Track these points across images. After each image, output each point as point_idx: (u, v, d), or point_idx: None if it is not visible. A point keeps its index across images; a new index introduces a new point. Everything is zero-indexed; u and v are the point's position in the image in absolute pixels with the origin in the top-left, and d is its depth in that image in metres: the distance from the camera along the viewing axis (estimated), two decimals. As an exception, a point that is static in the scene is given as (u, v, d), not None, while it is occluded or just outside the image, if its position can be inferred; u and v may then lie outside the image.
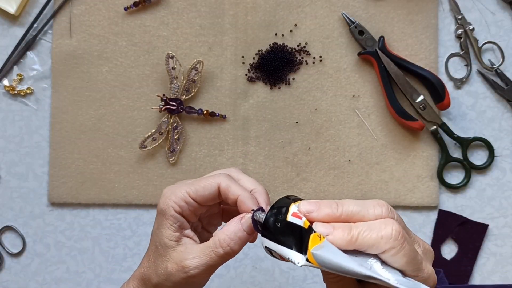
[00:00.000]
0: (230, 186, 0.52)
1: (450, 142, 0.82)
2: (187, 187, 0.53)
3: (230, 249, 0.51)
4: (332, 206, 0.46)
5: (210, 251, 0.52)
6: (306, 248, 0.45)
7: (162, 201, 0.53)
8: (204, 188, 0.53)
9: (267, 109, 0.82)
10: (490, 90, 0.83)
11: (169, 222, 0.52)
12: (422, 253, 0.47)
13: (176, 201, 0.52)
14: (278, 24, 0.82)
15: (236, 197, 0.52)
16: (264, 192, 0.54)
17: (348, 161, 0.81)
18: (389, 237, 0.43)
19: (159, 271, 0.53)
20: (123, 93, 0.82)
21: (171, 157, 0.81)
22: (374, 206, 0.45)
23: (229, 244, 0.51)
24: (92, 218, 0.83)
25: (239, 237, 0.51)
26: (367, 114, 0.82)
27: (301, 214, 0.46)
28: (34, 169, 0.83)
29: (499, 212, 0.82)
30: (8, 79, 0.83)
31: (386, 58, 0.80)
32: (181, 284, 0.52)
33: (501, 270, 0.82)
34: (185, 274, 0.52)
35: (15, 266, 0.83)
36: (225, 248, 0.51)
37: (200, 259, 0.52)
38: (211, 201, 0.54)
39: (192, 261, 0.52)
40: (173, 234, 0.53)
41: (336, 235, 0.44)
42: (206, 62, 0.81)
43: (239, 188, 0.52)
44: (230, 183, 0.52)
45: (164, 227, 0.53)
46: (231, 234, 0.51)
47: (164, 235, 0.53)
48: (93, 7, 0.82)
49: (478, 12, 0.83)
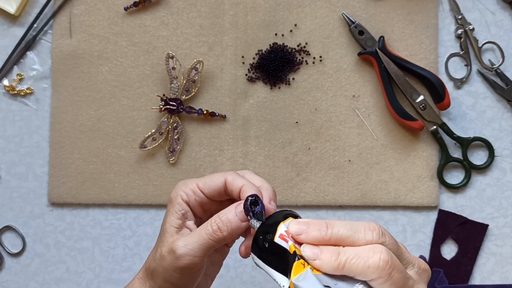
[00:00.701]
0: (235, 179, 0.54)
1: (450, 142, 0.82)
2: (197, 180, 0.55)
3: (219, 229, 0.52)
4: (321, 228, 0.44)
5: (199, 230, 0.52)
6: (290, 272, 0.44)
7: (174, 191, 0.56)
8: (212, 181, 0.55)
9: (267, 109, 0.82)
10: (490, 90, 0.83)
11: (175, 209, 0.55)
12: (416, 274, 0.46)
13: (185, 190, 0.55)
14: (278, 24, 0.82)
15: (239, 188, 0.53)
16: (270, 189, 0.55)
17: (348, 161, 0.81)
18: (376, 267, 0.42)
19: (156, 256, 0.54)
20: (123, 93, 0.82)
21: (171, 157, 0.81)
22: (365, 230, 0.44)
23: (218, 223, 0.52)
24: (92, 218, 0.83)
25: (229, 219, 0.52)
26: (367, 114, 0.82)
27: (288, 236, 0.45)
28: (34, 169, 0.83)
29: (499, 212, 0.82)
30: (8, 79, 0.83)
31: (386, 58, 0.80)
32: (170, 270, 0.53)
33: (501, 270, 0.82)
34: (173, 255, 0.52)
35: (15, 266, 0.83)
36: (213, 226, 0.52)
37: (188, 239, 0.52)
38: (218, 195, 0.55)
39: (181, 241, 0.52)
40: (176, 221, 0.54)
41: (324, 259, 0.43)
42: (206, 62, 0.81)
43: (244, 180, 0.53)
44: (236, 177, 0.54)
45: (169, 214, 0.55)
46: (223, 216, 0.52)
47: (167, 221, 0.55)
48: (93, 7, 0.82)
49: (478, 12, 0.83)
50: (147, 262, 0.57)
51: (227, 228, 0.52)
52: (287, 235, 0.46)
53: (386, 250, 0.43)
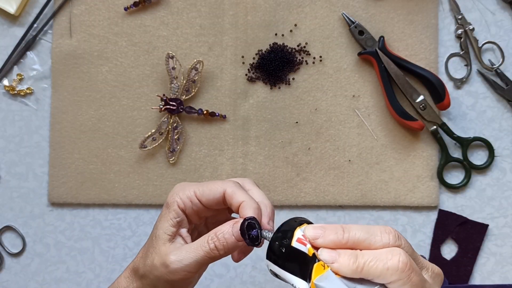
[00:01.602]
0: (235, 192, 0.53)
1: (450, 142, 0.82)
2: (195, 187, 0.54)
3: (215, 247, 0.51)
4: (338, 232, 0.44)
5: (196, 247, 0.52)
6: (310, 276, 0.44)
7: (170, 195, 0.55)
8: (210, 190, 0.54)
9: (267, 109, 0.82)
10: (490, 90, 0.83)
11: (170, 215, 0.54)
12: (431, 278, 0.46)
13: (183, 198, 0.54)
14: (278, 24, 0.82)
15: (239, 204, 0.52)
16: (269, 206, 0.54)
17: (348, 161, 0.81)
18: (395, 269, 0.42)
19: (147, 262, 0.54)
20: (123, 93, 0.82)
21: (171, 157, 0.81)
22: (382, 233, 0.44)
23: (215, 242, 0.51)
24: (92, 218, 0.83)
25: (226, 239, 0.51)
26: (367, 114, 0.82)
27: (305, 240, 0.45)
28: (34, 169, 0.83)
29: (499, 212, 0.82)
30: (8, 79, 0.83)
31: (386, 58, 0.80)
32: (162, 280, 0.53)
33: (501, 270, 0.82)
34: (166, 268, 0.52)
35: (15, 266, 0.83)
36: (210, 245, 0.51)
37: (183, 254, 0.52)
38: (216, 205, 0.54)
39: (175, 255, 0.52)
40: (170, 228, 0.53)
41: (342, 263, 0.43)
42: (206, 62, 0.81)
43: (244, 196, 0.53)
44: (236, 190, 0.53)
45: (164, 220, 0.54)
46: (219, 234, 0.52)
47: (162, 227, 0.54)
48: (93, 7, 0.82)
49: (478, 12, 0.83)
50: (135, 262, 0.56)
51: (223, 247, 0.51)
52: (304, 239, 0.45)
53: (404, 252, 0.43)
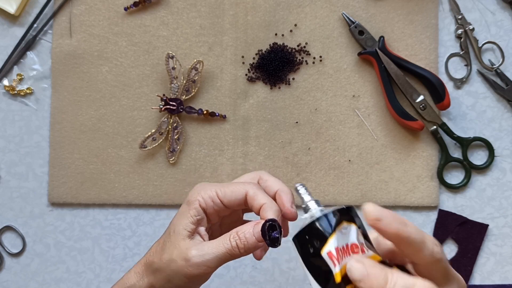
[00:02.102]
0: (257, 194, 0.54)
1: (450, 142, 0.82)
2: (217, 188, 0.55)
3: (236, 245, 0.53)
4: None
5: (217, 244, 0.53)
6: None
7: (192, 193, 0.56)
8: (232, 192, 0.55)
9: (267, 109, 0.82)
10: (490, 90, 0.83)
11: (191, 213, 0.55)
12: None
13: (205, 197, 0.55)
14: (278, 24, 0.82)
15: (260, 206, 0.54)
16: (288, 192, 0.56)
17: (348, 161, 0.81)
18: None
19: (164, 257, 0.54)
20: (123, 93, 0.82)
21: (171, 157, 0.81)
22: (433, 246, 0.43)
23: (237, 241, 0.53)
24: (92, 218, 0.83)
25: (247, 238, 0.52)
26: (367, 114, 0.82)
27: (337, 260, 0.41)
28: (34, 169, 0.83)
29: (499, 212, 0.82)
30: (8, 79, 0.83)
31: (386, 58, 0.80)
32: (179, 274, 0.53)
33: (501, 270, 0.82)
34: (186, 262, 0.53)
35: (15, 266, 0.83)
36: (232, 243, 0.53)
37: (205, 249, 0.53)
38: (237, 206, 0.55)
39: (196, 250, 0.53)
40: (190, 225, 0.54)
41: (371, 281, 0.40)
42: (206, 62, 0.81)
43: (266, 198, 0.54)
44: (258, 192, 0.54)
45: (185, 217, 0.55)
46: (241, 233, 0.53)
47: (182, 223, 0.55)
48: (93, 7, 0.82)
49: (478, 12, 0.83)
50: (148, 257, 0.57)
51: (244, 246, 0.53)
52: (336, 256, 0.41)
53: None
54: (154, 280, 0.55)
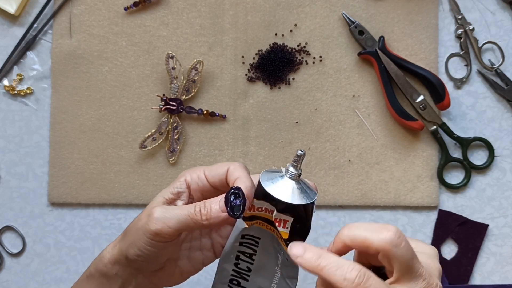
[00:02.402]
0: (236, 169, 0.54)
1: (450, 142, 0.82)
2: (204, 168, 0.56)
3: (199, 211, 0.52)
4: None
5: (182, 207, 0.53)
6: None
7: (183, 171, 0.57)
8: (216, 168, 0.55)
9: (267, 109, 0.82)
10: (490, 90, 0.83)
11: (174, 184, 0.55)
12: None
13: (192, 174, 0.56)
14: (278, 24, 0.82)
15: (235, 178, 0.53)
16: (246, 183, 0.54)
17: (348, 161, 0.81)
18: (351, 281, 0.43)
19: (135, 221, 0.55)
20: (123, 93, 0.82)
21: (171, 157, 0.81)
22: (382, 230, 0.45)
23: (201, 207, 0.52)
24: (92, 218, 0.83)
25: (211, 207, 0.52)
26: (367, 114, 0.82)
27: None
28: (34, 169, 0.83)
29: (499, 212, 0.82)
30: (8, 79, 0.83)
31: (386, 58, 0.80)
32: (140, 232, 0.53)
33: (501, 270, 0.82)
34: (148, 217, 0.52)
35: (15, 266, 0.83)
36: (196, 208, 0.52)
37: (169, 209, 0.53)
38: (219, 183, 0.55)
39: (161, 208, 0.53)
40: (169, 194, 0.55)
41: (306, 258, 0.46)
42: (206, 62, 0.81)
43: (242, 172, 0.53)
44: (239, 168, 0.54)
45: (166, 188, 0.55)
46: (207, 202, 0.53)
47: (161, 193, 0.55)
48: (93, 7, 0.82)
49: (478, 12, 0.83)
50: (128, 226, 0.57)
51: (206, 213, 0.52)
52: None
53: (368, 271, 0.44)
54: (122, 244, 0.55)
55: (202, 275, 0.83)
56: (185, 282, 0.59)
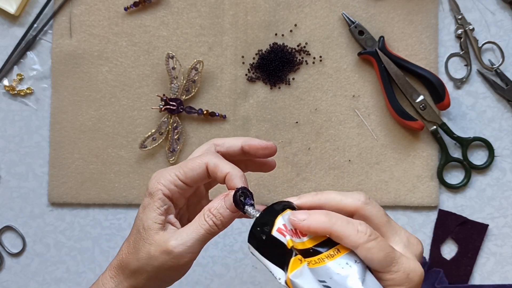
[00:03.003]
0: (218, 165, 0.52)
1: (450, 142, 0.82)
2: (176, 170, 0.53)
3: (213, 223, 0.51)
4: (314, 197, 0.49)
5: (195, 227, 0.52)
6: (287, 267, 0.45)
7: (151, 184, 0.53)
8: (192, 169, 0.52)
9: (267, 109, 0.82)
10: (490, 90, 0.83)
11: (156, 204, 0.52)
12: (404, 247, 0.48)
13: (166, 184, 0.52)
14: (278, 24, 0.82)
15: (224, 175, 0.52)
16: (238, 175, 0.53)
17: (348, 161, 0.81)
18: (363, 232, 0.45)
19: (140, 256, 0.52)
20: (123, 93, 0.82)
21: (171, 157, 0.81)
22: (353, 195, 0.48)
23: (212, 219, 0.51)
24: (92, 218, 0.83)
25: (221, 213, 0.51)
26: (367, 114, 0.82)
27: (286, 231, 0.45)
28: (34, 169, 0.83)
29: (499, 212, 0.82)
30: (8, 79, 0.83)
31: (386, 58, 0.80)
32: (163, 269, 0.52)
33: (501, 270, 0.82)
34: (168, 255, 0.51)
35: (15, 266, 0.83)
36: (209, 222, 0.51)
37: (184, 237, 0.51)
38: (201, 181, 0.53)
39: (176, 240, 0.51)
40: (159, 217, 0.52)
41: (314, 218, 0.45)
42: (206, 62, 0.81)
43: (227, 166, 0.52)
44: (218, 161, 0.52)
45: (151, 210, 0.52)
46: (214, 210, 0.51)
47: (149, 217, 0.52)
48: (93, 7, 0.82)
49: (478, 12, 0.83)
50: (121, 260, 0.54)
51: (221, 222, 0.51)
52: (285, 229, 0.46)
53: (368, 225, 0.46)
54: (135, 282, 0.53)
55: (202, 275, 0.83)
56: (185, 282, 0.60)
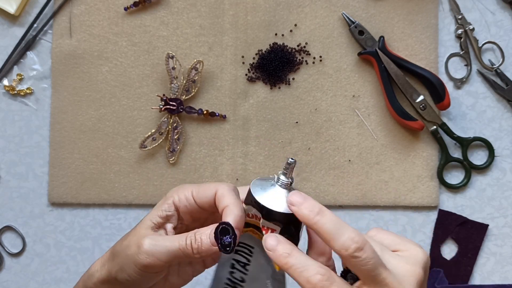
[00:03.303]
0: (224, 195, 0.52)
1: (450, 142, 0.82)
2: (193, 188, 0.54)
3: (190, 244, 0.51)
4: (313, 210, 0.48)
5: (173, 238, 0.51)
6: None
7: (171, 191, 0.55)
8: (204, 190, 0.53)
9: (267, 109, 0.82)
10: (490, 90, 0.83)
11: (162, 207, 0.54)
12: None
13: (180, 195, 0.54)
14: (278, 24, 0.82)
15: (224, 207, 0.51)
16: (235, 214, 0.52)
17: (348, 161, 0.81)
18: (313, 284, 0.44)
19: (123, 242, 0.54)
20: (123, 93, 0.82)
21: (171, 157, 0.81)
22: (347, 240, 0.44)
23: (192, 239, 0.51)
24: (92, 218, 0.83)
25: (202, 240, 0.50)
26: (367, 114, 0.82)
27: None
28: (34, 169, 0.83)
29: (499, 212, 0.82)
30: (8, 79, 0.83)
31: (386, 58, 0.80)
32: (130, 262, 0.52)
33: (501, 270, 0.82)
34: (138, 248, 0.51)
35: (15, 266, 0.83)
36: (187, 241, 0.51)
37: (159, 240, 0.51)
38: (208, 205, 0.53)
39: (151, 238, 0.51)
40: (157, 218, 0.53)
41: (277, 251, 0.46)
42: (206, 62, 0.81)
43: (231, 200, 0.51)
44: (227, 193, 0.52)
45: (156, 209, 0.54)
46: (198, 234, 0.51)
47: (150, 214, 0.54)
48: (93, 7, 0.82)
49: (478, 12, 0.83)
50: (113, 247, 0.56)
51: (197, 247, 0.50)
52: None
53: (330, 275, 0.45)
54: (112, 266, 0.54)
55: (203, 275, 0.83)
56: (185, 282, 0.59)
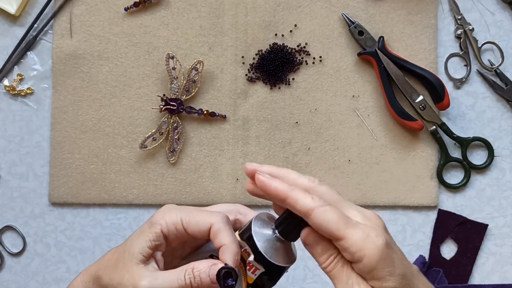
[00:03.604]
0: (220, 232, 0.51)
1: (450, 142, 0.82)
2: (183, 215, 0.52)
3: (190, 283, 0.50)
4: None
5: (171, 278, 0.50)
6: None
7: (156, 214, 0.52)
8: (197, 223, 0.51)
9: (267, 109, 0.82)
10: (489, 90, 0.83)
11: (150, 237, 0.51)
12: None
13: (168, 222, 0.52)
14: (278, 24, 0.82)
15: (221, 245, 0.50)
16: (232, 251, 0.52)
17: (348, 161, 0.82)
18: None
19: (114, 277, 0.51)
20: (123, 93, 0.82)
21: (171, 157, 0.81)
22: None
23: (191, 278, 0.50)
24: (92, 218, 0.83)
25: (202, 278, 0.50)
26: (367, 114, 0.82)
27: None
28: (35, 169, 0.83)
29: (499, 212, 0.82)
30: (8, 79, 0.83)
31: (386, 58, 0.80)
32: None
33: (501, 270, 0.82)
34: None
35: (15, 266, 0.83)
36: (186, 280, 0.50)
37: (157, 283, 0.50)
38: (200, 237, 0.52)
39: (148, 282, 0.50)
40: (147, 249, 0.51)
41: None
42: (206, 62, 0.81)
43: (227, 237, 0.50)
44: (222, 229, 0.51)
45: (143, 238, 0.52)
46: (196, 271, 0.50)
47: (139, 245, 0.51)
48: (93, 7, 0.82)
49: (478, 12, 0.83)
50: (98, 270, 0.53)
51: (197, 286, 0.50)
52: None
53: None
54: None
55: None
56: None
